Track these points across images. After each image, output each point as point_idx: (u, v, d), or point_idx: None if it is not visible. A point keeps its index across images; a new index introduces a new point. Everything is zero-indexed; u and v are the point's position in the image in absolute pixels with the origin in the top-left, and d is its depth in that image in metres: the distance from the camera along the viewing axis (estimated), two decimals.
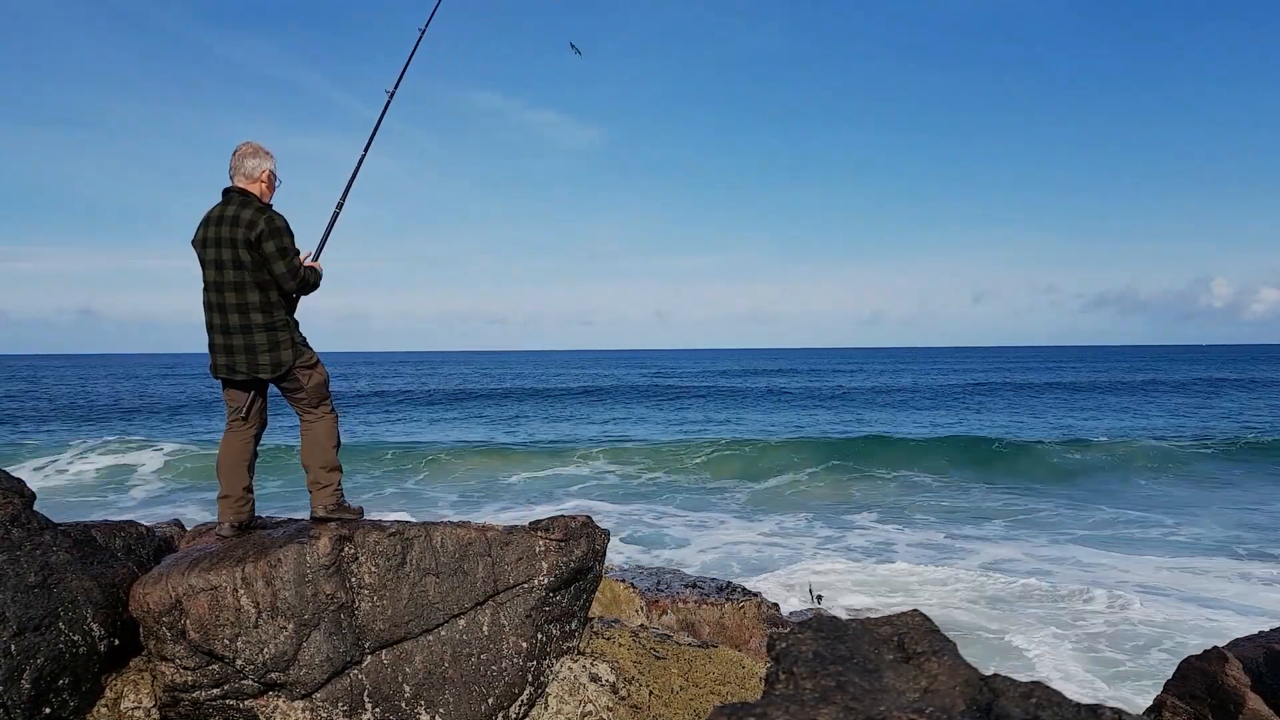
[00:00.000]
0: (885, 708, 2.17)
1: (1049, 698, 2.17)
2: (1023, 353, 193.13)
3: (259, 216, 4.38)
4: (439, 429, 37.06)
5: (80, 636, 4.14)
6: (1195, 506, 19.26)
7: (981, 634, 10.61)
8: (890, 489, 22.01)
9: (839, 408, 46.29)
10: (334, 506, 4.63)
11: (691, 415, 42.71)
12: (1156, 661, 9.55)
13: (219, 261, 4.39)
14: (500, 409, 47.13)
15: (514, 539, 4.70)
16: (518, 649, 4.62)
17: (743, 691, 5.22)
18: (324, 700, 4.22)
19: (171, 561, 4.40)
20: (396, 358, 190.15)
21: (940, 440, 28.99)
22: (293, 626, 4.16)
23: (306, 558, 4.23)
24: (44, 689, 3.96)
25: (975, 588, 12.57)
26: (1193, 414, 40.15)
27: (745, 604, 9.26)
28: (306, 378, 4.60)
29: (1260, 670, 4.76)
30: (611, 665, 4.93)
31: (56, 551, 4.29)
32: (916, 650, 2.50)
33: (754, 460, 26.01)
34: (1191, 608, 11.65)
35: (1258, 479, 22.68)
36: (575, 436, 33.24)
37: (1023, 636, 10.47)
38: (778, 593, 11.59)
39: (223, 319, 4.44)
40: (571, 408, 48.10)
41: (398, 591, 4.40)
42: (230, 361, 4.48)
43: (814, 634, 2.58)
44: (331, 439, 4.71)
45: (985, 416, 40.89)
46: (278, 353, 4.48)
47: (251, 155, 4.52)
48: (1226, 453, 26.05)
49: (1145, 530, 17.02)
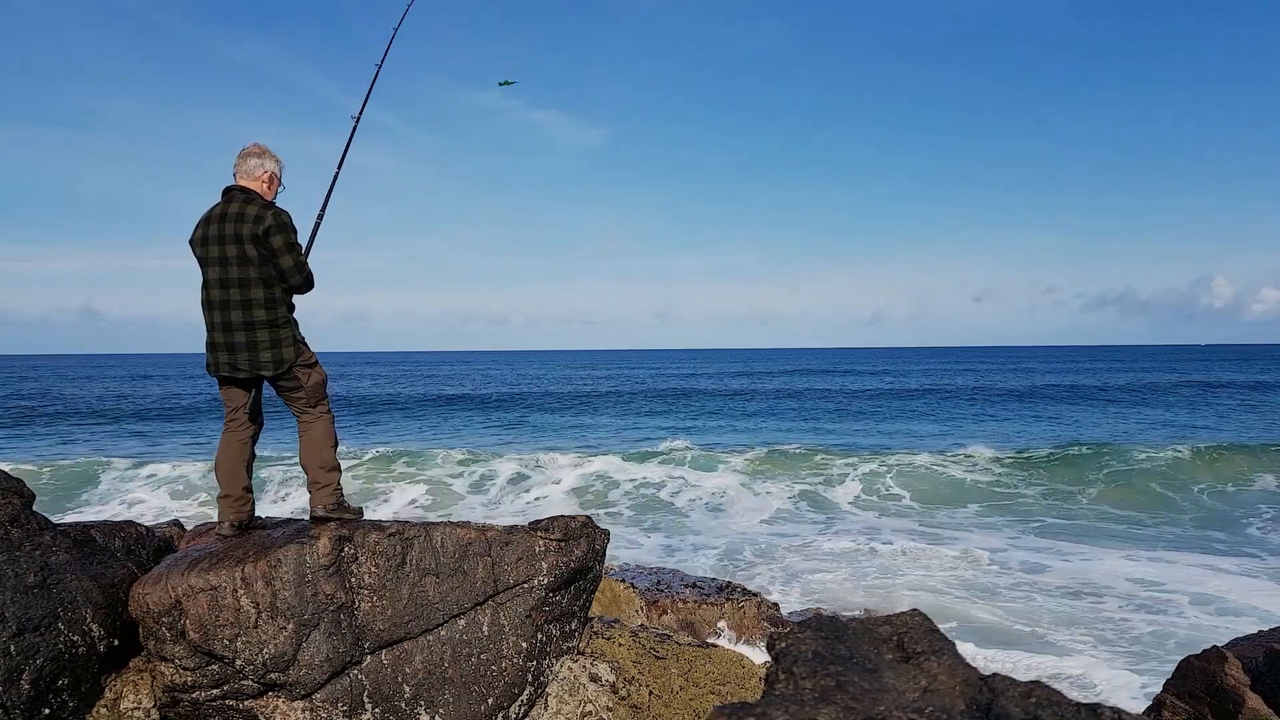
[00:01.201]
0: (885, 707, 2.17)
1: (1048, 697, 2.18)
2: (1062, 351, 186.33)
3: (265, 212, 4.40)
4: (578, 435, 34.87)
5: (80, 637, 4.14)
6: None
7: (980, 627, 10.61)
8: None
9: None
10: (334, 506, 4.63)
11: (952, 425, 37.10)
12: (1157, 661, 9.55)
13: (223, 258, 4.38)
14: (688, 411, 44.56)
15: (514, 539, 4.70)
16: (518, 649, 4.62)
17: (743, 691, 5.22)
18: (324, 700, 4.22)
19: (171, 562, 4.40)
20: (398, 358, 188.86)
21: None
22: (292, 627, 4.16)
23: (306, 558, 4.23)
24: (43, 689, 3.95)
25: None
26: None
27: (745, 604, 9.26)
28: (306, 376, 4.60)
29: (1260, 670, 4.76)
30: (611, 665, 4.93)
31: (56, 552, 4.29)
32: (916, 650, 2.50)
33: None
34: (1191, 607, 11.65)
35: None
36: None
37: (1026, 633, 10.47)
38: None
39: (224, 316, 4.42)
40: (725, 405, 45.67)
41: (397, 591, 4.39)
42: (231, 359, 4.46)
43: (814, 634, 2.58)
44: (329, 439, 4.71)
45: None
46: (279, 350, 4.47)
47: (255, 155, 4.54)
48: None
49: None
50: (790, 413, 44.03)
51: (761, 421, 39.64)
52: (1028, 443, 28.69)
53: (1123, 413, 41.94)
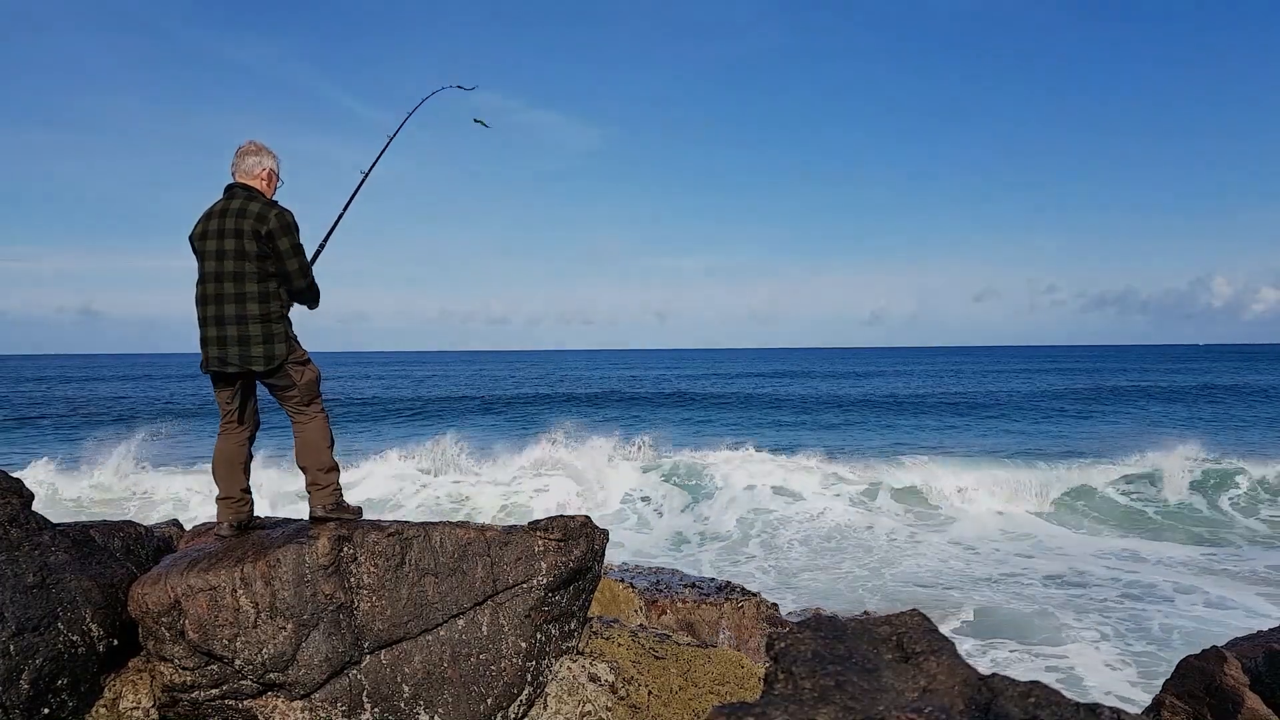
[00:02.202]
0: (884, 707, 2.17)
1: (1047, 697, 2.18)
2: (1080, 352, 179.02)
3: (269, 210, 4.39)
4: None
5: (79, 637, 4.14)
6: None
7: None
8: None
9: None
10: (333, 506, 4.63)
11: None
12: (1156, 660, 9.55)
13: (220, 251, 4.36)
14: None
15: (513, 539, 4.70)
16: (517, 649, 4.62)
17: (742, 691, 5.22)
18: (323, 700, 4.22)
19: (170, 562, 4.40)
20: (398, 358, 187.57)
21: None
22: (291, 627, 4.16)
23: (305, 558, 4.23)
24: (42, 689, 3.95)
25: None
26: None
27: (745, 604, 9.26)
28: (299, 374, 4.57)
29: (1259, 670, 4.76)
30: (611, 665, 4.93)
31: (55, 552, 4.29)
32: (915, 650, 2.50)
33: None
34: (1190, 606, 11.65)
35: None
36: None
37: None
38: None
39: (217, 309, 4.39)
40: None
41: (396, 591, 4.39)
42: (222, 353, 4.42)
43: (813, 634, 2.58)
44: (326, 439, 4.69)
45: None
46: (271, 345, 4.43)
47: (253, 153, 4.54)
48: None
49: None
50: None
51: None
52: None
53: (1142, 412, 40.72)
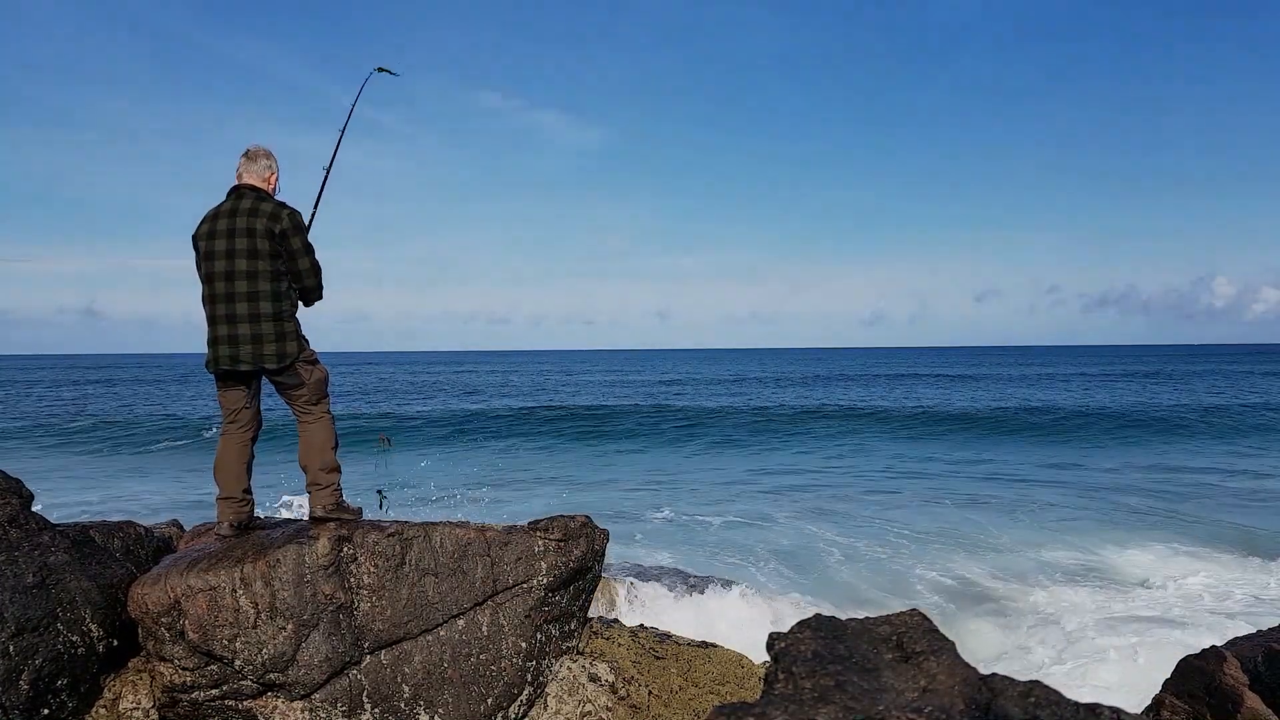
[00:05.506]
0: (884, 707, 2.18)
1: (1047, 697, 2.18)
2: (1082, 352, 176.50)
3: (281, 210, 4.44)
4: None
5: (79, 637, 4.14)
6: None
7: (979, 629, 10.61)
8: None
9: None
10: (333, 506, 4.63)
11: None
12: (1156, 661, 9.55)
13: (230, 251, 4.38)
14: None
15: (513, 539, 4.70)
16: (517, 649, 4.62)
17: (742, 691, 5.22)
18: (323, 701, 4.22)
19: (170, 562, 4.40)
20: (398, 358, 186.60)
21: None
22: (291, 627, 4.16)
23: (305, 558, 4.23)
24: (42, 690, 3.95)
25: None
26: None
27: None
28: (308, 373, 4.61)
29: (1258, 669, 4.76)
30: (611, 665, 4.93)
31: (55, 552, 4.28)
32: (915, 650, 2.50)
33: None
34: (1190, 606, 11.65)
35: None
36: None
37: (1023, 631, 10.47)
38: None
39: (229, 308, 4.42)
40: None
41: (397, 592, 4.39)
42: (234, 351, 4.44)
43: (813, 633, 2.58)
44: (330, 439, 4.71)
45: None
46: (284, 343, 4.47)
47: (264, 157, 4.62)
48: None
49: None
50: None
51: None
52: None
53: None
